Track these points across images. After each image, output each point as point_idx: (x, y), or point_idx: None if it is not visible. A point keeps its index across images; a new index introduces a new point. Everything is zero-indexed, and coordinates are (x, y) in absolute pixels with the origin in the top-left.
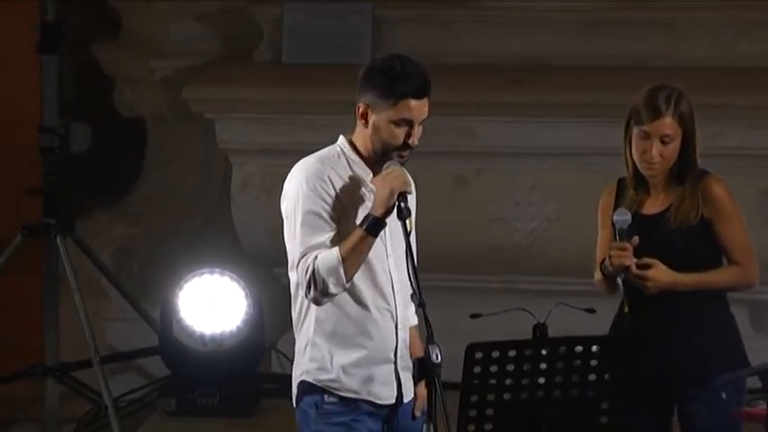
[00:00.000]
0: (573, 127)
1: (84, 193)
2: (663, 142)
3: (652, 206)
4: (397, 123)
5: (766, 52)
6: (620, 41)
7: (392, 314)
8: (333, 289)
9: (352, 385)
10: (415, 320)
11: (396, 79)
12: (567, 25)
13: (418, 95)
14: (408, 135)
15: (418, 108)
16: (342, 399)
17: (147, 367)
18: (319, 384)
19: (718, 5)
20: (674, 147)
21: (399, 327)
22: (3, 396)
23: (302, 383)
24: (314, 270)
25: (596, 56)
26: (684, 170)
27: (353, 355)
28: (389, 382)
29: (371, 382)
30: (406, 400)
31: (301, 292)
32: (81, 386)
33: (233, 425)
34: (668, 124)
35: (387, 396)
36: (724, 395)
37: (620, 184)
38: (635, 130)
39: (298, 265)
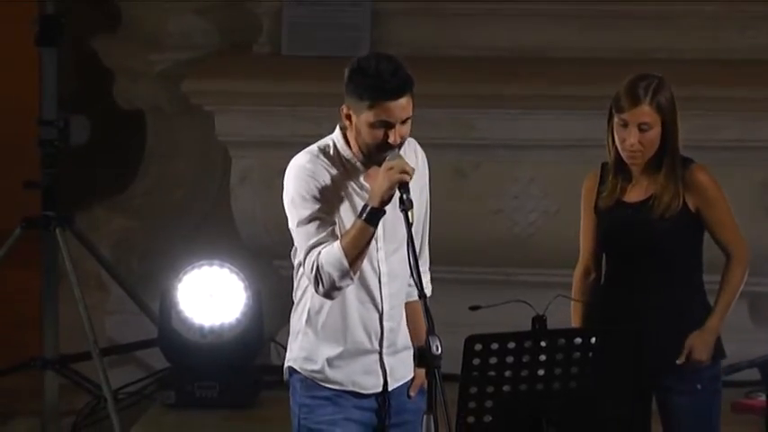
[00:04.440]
0: (572, 120)
1: (83, 186)
2: (641, 130)
3: (634, 194)
4: (374, 125)
5: (766, 45)
6: (619, 34)
7: (376, 307)
8: (340, 281)
9: (336, 377)
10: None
11: (369, 82)
12: (567, 18)
13: (394, 97)
14: (387, 135)
15: (396, 108)
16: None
17: (147, 359)
18: (305, 374)
19: None
20: (654, 135)
21: (385, 318)
22: (2, 388)
23: (290, 368)
24: (319, 266)
25: (596, 48)
26: (665, 158)
27: (338, 347)
28: (374, 372)
29: (354, 373)
30: (391, 388)
31: (306, 282)
32: (80, 378)
33: (232, 417)
34: (646, 112)
35: (371, 386)
36: (699, 386)
37: (604, 170)
38: (615, 119)
39: (304, 263)
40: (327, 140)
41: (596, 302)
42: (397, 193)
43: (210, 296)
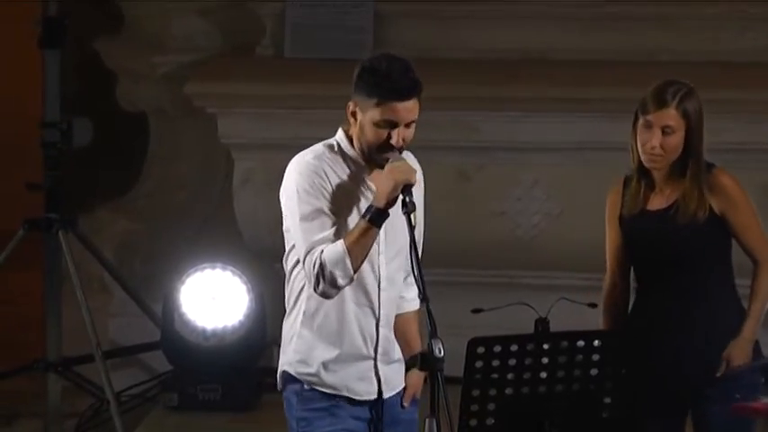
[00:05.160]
0: (575, 122)
1: (85, 188)
2: (664, 133)
3: (657, 202)
4: (379, 124)
5: (767, 47)
6: (621, 36)
7: (373, 312)
8: (341, 281)
9: (330, 381)
10: (409, 308)
11: (380, 80)
12: (569, 20)
13: (402, 98)
14: (390, 136)
15: (404, 110)
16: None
17: (149, 362)
18: (299, 377)
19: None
20: (676, 140)
21: (381, 323)
22: (5, 391)
23: (284, 374)
24: (321, 264)
25: (598, 50)
26: (690, 166)
27: (334, 350)
28: (368, 378)
29: (349, 378)
30: (386, 396)
31: (299, 286)
32: (83, 381)
33: (235, 419)
34: (671, 115)
35: (365, 392)
36: (738, 396)
37: (627, 183)
38: (640, 121)
39: (304, 260)
40: (331, 141)
41: (625, 312)
42: (401, 196)
43: (213, 299)
